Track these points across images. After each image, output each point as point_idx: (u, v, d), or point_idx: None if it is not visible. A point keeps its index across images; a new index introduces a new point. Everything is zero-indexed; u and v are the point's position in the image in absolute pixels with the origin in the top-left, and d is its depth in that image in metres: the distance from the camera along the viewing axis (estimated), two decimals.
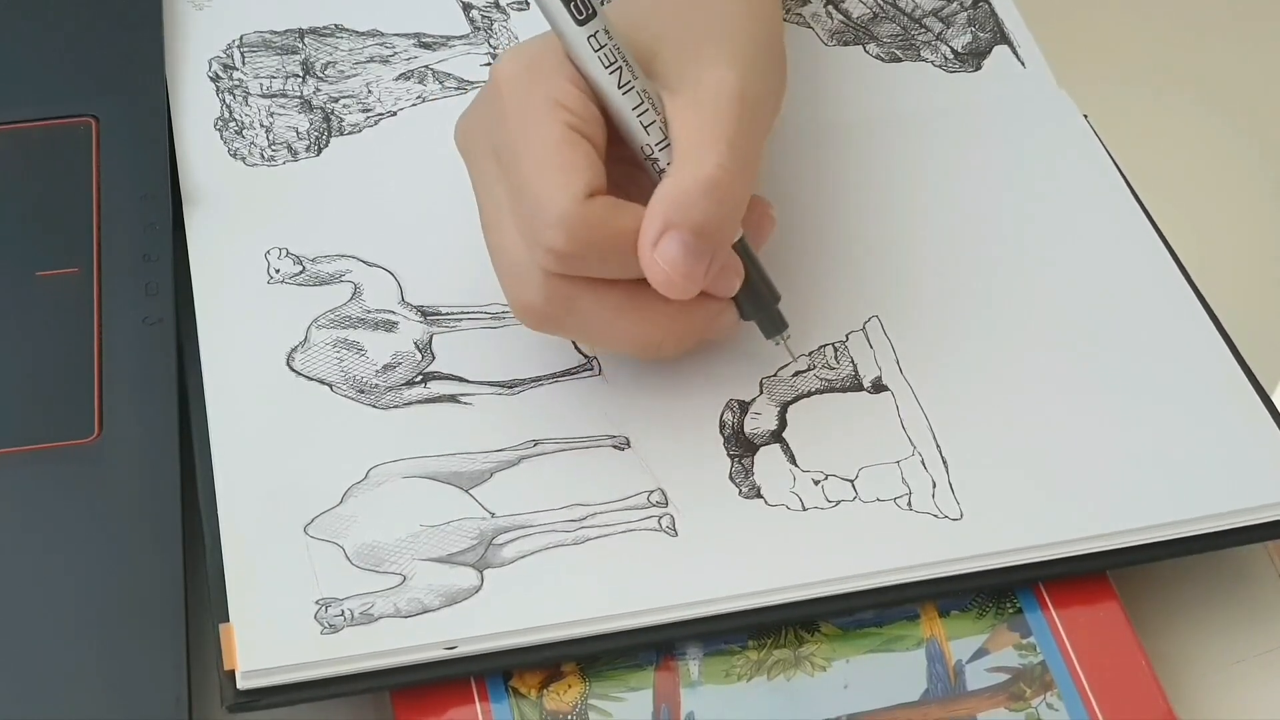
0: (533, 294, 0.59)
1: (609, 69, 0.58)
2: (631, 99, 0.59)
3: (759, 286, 0.61)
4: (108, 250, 0.65)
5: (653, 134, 0.59)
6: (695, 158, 0.58)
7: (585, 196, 0.57)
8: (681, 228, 0.57)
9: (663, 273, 0.58)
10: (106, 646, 0.55)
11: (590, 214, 0.57)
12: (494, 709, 0.56)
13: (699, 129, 0.58)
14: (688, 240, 0.57)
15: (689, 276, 0.58)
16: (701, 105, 0.59)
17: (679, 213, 0.57)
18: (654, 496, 0.60)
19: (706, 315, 0.61)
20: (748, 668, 0.58)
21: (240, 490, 0.59)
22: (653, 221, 0.57)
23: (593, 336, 0.61)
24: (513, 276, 0.59)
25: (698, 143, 0.58)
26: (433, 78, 0.73)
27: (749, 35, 0.61)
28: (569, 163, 0.57)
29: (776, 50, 0.64)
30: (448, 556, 0.58)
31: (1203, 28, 1.66)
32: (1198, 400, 0.63)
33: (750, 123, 0.59)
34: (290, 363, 0.63)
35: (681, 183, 0.58)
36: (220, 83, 0.72)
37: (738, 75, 0.59)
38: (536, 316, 0.60)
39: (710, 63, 0.59)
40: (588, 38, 0.58)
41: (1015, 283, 0.66)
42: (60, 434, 0.60)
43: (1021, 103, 0.73)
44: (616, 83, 0.58)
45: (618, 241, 0.58)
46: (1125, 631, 0.58)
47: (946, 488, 0.60)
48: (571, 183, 0.57)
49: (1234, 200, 1.56)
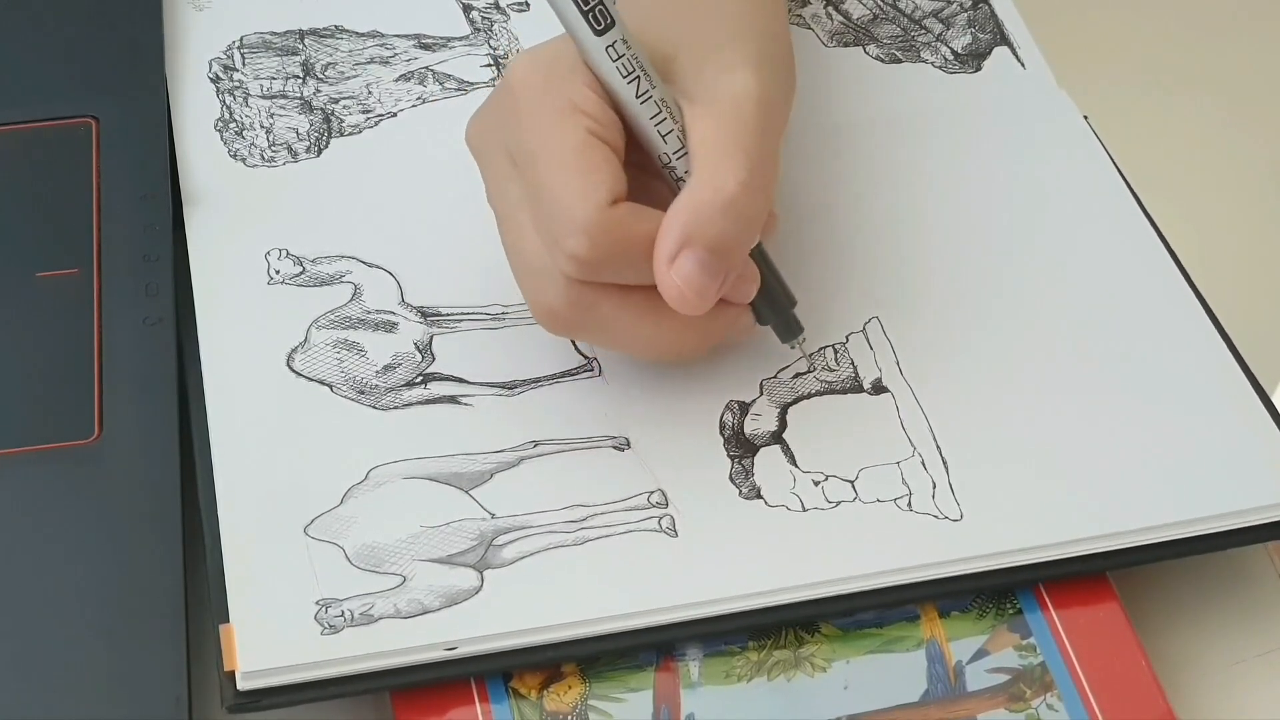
0: (554, 298, 0.58)
1: (627, 78, 0.58)
2: (649, 108, 0.58)
3: (776, 292, 0.61)
4: (108, 250, 0.65)
5: (670, 143, 0.58)
6: (715, 172, 0.57)
7: (609, 203, 0.56)
8: (698, 245, 0.57)
9: (677, 289, 0.57)
10: (106, 646, 0.55)
11: (613, 221, 0.56)
12: (494, 710, 0.56)
13: (718, 141, 0.57)
14: (704, 258, 0.57)
15: (703, 294, 0.57)
16: (720, 114, 0.58)
17: (697, 229, 0.57)
18: (654, 497, 0.60)
19: (725, 320, 0.61)
20: (748, 668, 0.58)
21: (240, 490, 0.59)
22: (669, 236, 0.57)
23: (612, 341, 0.61)
24: (533, 280, 0.59)
25: (717, 155, 0.57)
26: (433, 79, 0.72)
27: (765, 36, 0.61)
28: (591, 168, 0.56)
29: (788, 51, 0.63)
30: (448, 557, 0.58)
31: (1203, 28, 1.66)
32: (1198, 400, 0.63)
33: (769, 130, 0.58)
34: (290, 363, 0.63)
35: (701, 198, 0.57)
36: (220, 84, 0.72)
37: (756, 80, 0.58)
38: (558, 321, 0.59)
39: (728, 67, 0.59)
40: (606, 47, 0.57)
41: (1015, 284, 0.66)
42: (60, 434, 0.60)
43: (1021, 103, 0.73)
44: (635, 92, 0.58)
45: (640, 248, 0.57)
46: (1125, 632, 0.58)
47: (946, 488, 0.60)
48: (595, 189, 0.56)
49: (1234, 200, 1.56)
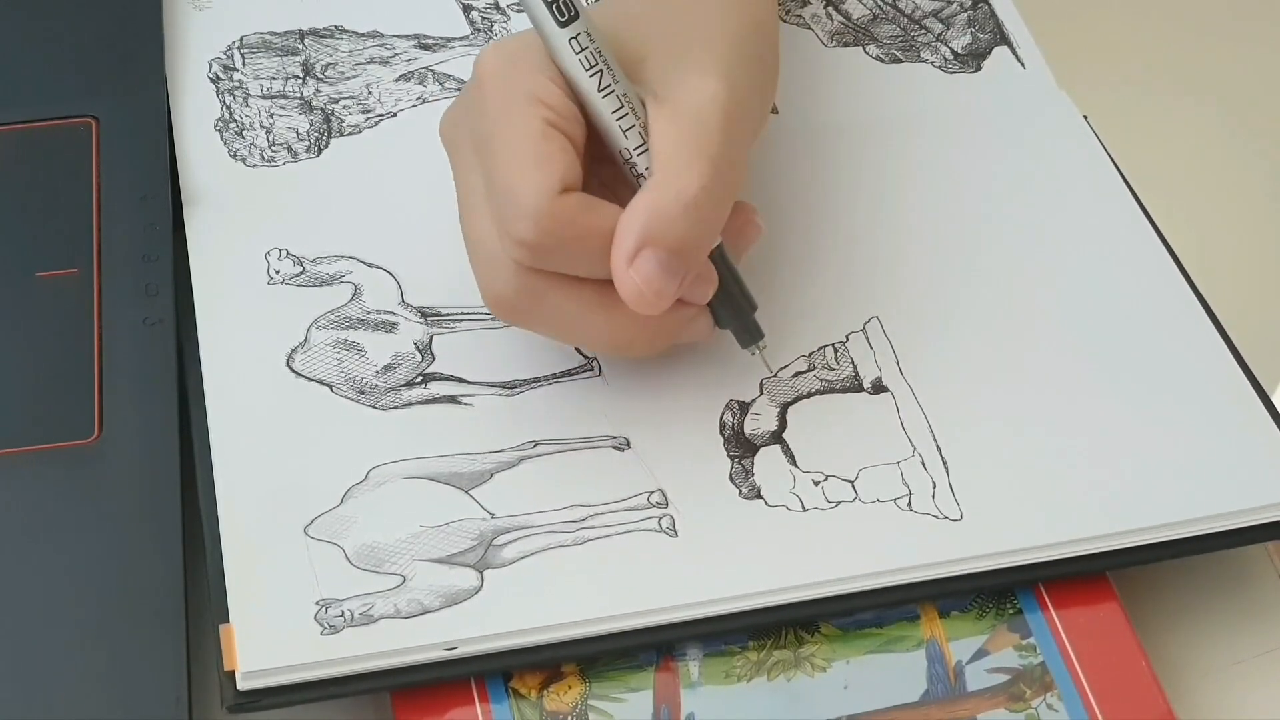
0: (503, 285, 0.59)
1: (589, 71, 0.58)
2: (611, 102, 0.58)
3: (735, 295, 0.61)
4: (108, 250, 0.65)
5: (631, 138, 0.58)
6: (675, 174, 0.57)
7: (558, 191, 0.56)
8: (658, 246, 0.57)
9: (636, 288, 0.57)
10: (106, 646, 0.55)
11: (561, 209, 0.56)
12: (494, 710, 0.56)
13: (680, 142, 0.57)
14: (664, 259, 0.57)
15: (661, 294, 0.57)
16: (684, 116, 0.58)
17: (657, 230, 0.57)
18: (654, 497, 0.60)
19: (678, 320, 0.60)
20: (748, 668, 0.58)
21: (240, 490, 0.59)
22: (628, 236, 0.57)
23: (561, 332, 0.61)
24: (485, 267, 0.59)
25: (678, 158, 0.57)
26: (433, 79, 0.72)
27: (738, 41, 0.61)
28: (543, 156, 0.57)
29: (768, 57, 0.63)
30: (448, 557, 0.58)
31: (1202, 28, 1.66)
32: (1198, 400, 0.63)
33: (734, 135, 0.58)
34: (290, 363, 0.63)
35: (661, 200, 0.57)
36: (220, 84, 0.72)
37: (724, 85, 0.58)
38: (506, 308, 0.60)
39: (696, 70, 0.59)
40: (569, 39, 0.58)
41: (1015, 283, 0.66)
42: (60, 434, 0.60)
43: (1021, 103, 0.73)
44: (596, 86, 0.58)
45: (588, 238, 0.57)
46: (1125, 631, 0.58)
47: (946, 488, 0.60)
48: (544, 176, 0.56)
49: (1234, 200, 1.56)
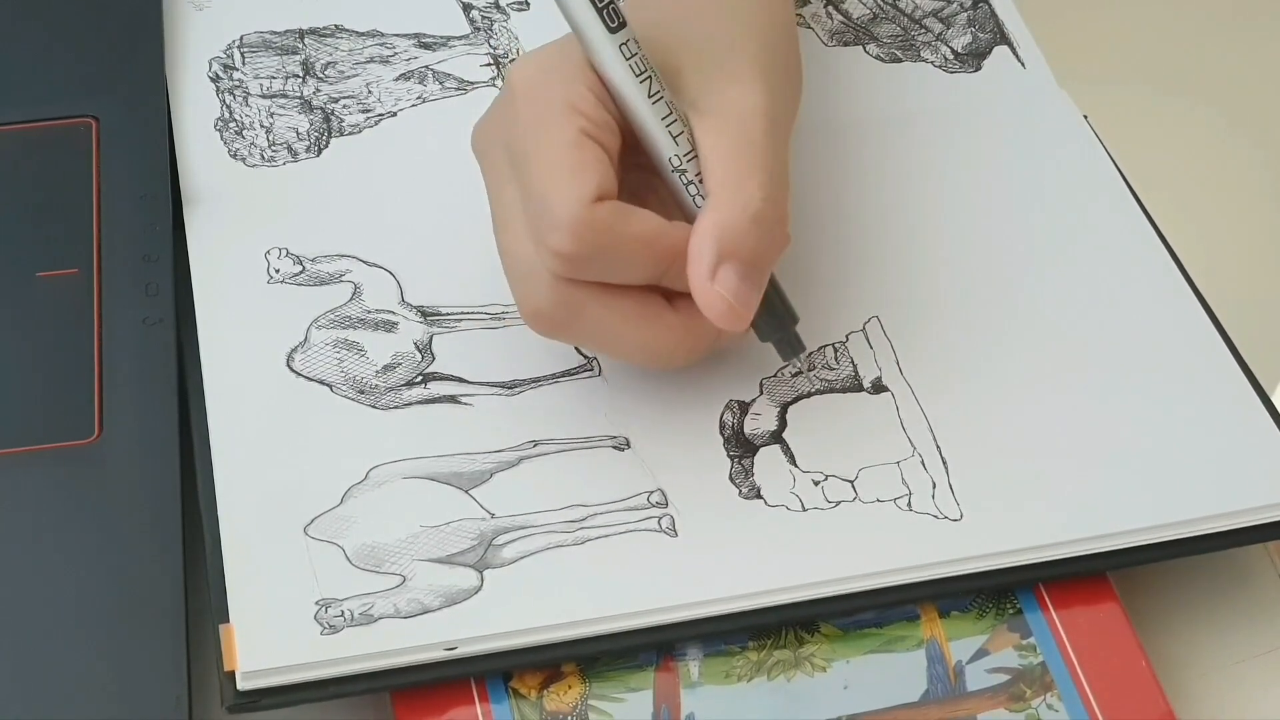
0: (541, 299, 0.58)
1: (639, 78, 0.58)
2: (661, 109, 0.58)
3: (777, 308, 0.61)
4: (108, 250, 0.65)
5: (681, 144, 0.58)
6: (736, 189, 0.57)
7: (593, 200, 0.56)
8: (736, 259, 0.57)
9: (724, 302, 0.57)
10: (106, 646, 0.55)
11: (597, 217, 0.56)
12: (494, 710, 0.56)
13: (732, 156, 0.58)
14: (744, 271, 0.57)
15: (747, 305, 0.58)
16: (732, 129, 0.58)
17: (732, 244, 0.57)
18: (654, 497, 0.60)
19: (715, 329, 0.60)
20: (748, 668, 0.58)
21: (240, 490, 0.59)
22: (705, 254, 0.57)
23: (602, 345, 0.61)
24: (522, 281, 0.59)
25: (735, 172, 0.58)
26: (433, 78, 0.72)
27: (769, 44, 0.61)
28: (578, 165, 0.56)
29: (794, 57, 0.63)
30: (448, 557, 0.58)
31: (1202, 28, 1.66)
32: (1198, 400, 0.63)
33: (779, 141, 0.59)
34: (290, 363, 0.63)
35: (728, 216, 0.57)
36: (220, 83, 0.72)
37: (764, 93, 0.59)
38: (545, 322, 0.59)
39: (734, 79, 0.59)
40: (620, 45, 0.57)
41: (1015, 283, 0.66)
42: (60, 434, 0.60)
43: (1021, 103, 0.73)
44: (647, 92, 0.58)
45: (626, 246, 0.57)
46: (1125, 631, 0.58)
47: (946, 488, 0.60)
48: (580, 185, 0.56)
49: (1234, 200, 1.56)
